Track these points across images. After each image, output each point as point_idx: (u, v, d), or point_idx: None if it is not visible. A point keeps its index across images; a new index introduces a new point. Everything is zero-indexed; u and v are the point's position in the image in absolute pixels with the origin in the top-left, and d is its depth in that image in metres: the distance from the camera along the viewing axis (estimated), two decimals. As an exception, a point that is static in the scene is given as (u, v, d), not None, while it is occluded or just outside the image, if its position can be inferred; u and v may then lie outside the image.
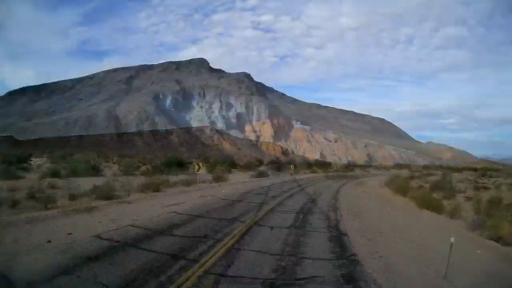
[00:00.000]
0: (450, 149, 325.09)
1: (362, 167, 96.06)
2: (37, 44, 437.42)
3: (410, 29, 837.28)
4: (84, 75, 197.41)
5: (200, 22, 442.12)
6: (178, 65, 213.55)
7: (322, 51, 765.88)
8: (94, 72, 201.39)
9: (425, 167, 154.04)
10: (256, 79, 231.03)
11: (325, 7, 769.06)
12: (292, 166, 48.45)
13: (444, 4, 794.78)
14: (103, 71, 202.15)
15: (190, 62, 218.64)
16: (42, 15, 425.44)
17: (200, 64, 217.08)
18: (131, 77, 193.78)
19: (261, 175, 32.52)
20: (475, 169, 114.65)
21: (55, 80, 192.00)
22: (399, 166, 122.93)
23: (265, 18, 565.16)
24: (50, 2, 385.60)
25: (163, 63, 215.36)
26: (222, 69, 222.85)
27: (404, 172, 70.58)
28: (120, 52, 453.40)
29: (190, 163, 40.29)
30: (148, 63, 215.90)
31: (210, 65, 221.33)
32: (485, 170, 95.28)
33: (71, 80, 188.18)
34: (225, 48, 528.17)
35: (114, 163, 40.88)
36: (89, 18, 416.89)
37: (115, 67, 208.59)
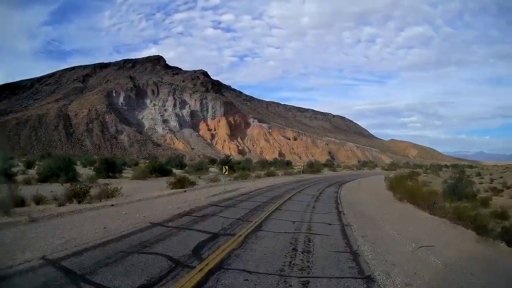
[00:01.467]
0: (416, 146, 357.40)
1: (329, 166, 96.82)
2: (6, 42, 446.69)
3: (373, 28, 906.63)
4: (43, 74, 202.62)
5: (162, 21, 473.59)
6: (134, 63, 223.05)
7: (282, 50, 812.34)
8: (54, 71, 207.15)
9: (406, 165, 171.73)
10: (215, 78, 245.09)
11: (288, 7, 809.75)
12: (225, 168, 28.15)
13: (410, 4, 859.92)
14: (61, 70, 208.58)
15: (147, 59, 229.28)
16: (12, 13, 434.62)
17: (156, 61, 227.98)
18: (87, 75, 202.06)
19: (183, 184, 22.46)
20: (454, 166, 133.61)
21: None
22: (364, 164, 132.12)
23: (226, 17, 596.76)
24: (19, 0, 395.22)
25: (119, 61, 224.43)
26: (180, 67, 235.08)
27: (390, 172, 74.31)
28: (83, 52, 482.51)
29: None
30: (105, 61, 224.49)
31: (167, 62, 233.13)
32: (462, 167, 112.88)
33: (31, 79, 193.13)
34: (185, 48, 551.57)
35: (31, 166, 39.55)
36: (55, 17, 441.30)
37: (73, 65, 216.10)
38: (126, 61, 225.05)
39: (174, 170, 43.82)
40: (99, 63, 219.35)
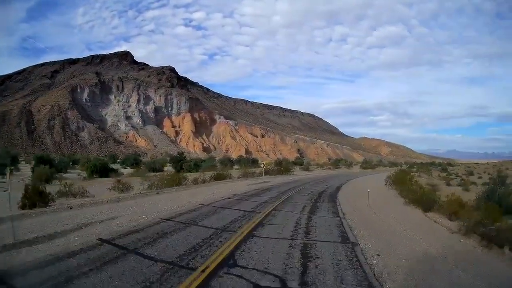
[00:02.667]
0: (388, 144, 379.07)
1: (300, 165, 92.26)
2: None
3: (345, 28, 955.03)
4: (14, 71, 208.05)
5: (134, 18, 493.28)
6: (102, 59, 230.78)
7: (252, 49, 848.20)
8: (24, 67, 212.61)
9: (380, 162, 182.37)
10: (184, 76, 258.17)
11: (260, 5, 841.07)
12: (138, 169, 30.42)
13: (384, 4, 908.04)
14: (31, 66, 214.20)
15: (115, 55, 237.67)
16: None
17: (124, 57, 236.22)
18: (55, 71, 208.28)
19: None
20: (439, 164, 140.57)
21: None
22: (338, 162, 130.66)
23: (198, 15, 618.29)
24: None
25: (88, 57, 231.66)
26: (148, 63, 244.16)
27: (375, 171, 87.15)
28: (57, 50, 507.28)
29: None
30: (74, 57, 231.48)
31: (135, 58, 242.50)
32: (444, 165, 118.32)
33: (1, 76, 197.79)
34: (156, 46, 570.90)
35: None
36: (32, 14, 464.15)
37: (43, 62, 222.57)
38: (94, 57, 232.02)
39: (124, 170, 47.05)
40: (68, 59, 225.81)
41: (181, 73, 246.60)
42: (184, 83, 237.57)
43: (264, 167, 47.36)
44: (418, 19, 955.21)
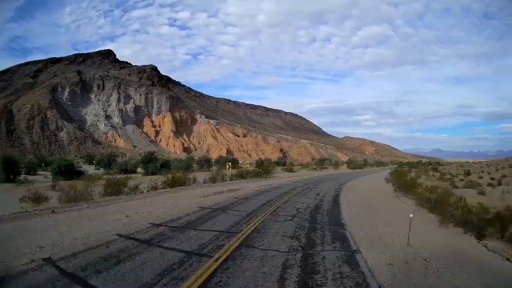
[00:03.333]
0: (373, 143, 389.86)
1: (283, 165, 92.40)
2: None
3: (330, 27, 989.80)
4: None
5: (119, 18, 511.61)
6: (85, 57, 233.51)
7: (236, 49, 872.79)
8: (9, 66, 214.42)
9: (378, 162, 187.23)
10: (170, 76, 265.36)
11: (244, 4, 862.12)
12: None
13: (369, 4, 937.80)
14: (15, 66, 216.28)
15: (98, 53, 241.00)
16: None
17: (106, 55, 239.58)
18: (39, 70, 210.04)
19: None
20: (429, 164, 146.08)
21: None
22: (322, 162, 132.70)
23: (182, 15, 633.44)
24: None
25: (71, 56, 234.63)
26: (131, 63, 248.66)
27: (367, 170, 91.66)
28: (43, 50, 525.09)
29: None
30: (58, 56, 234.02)
31: (118, 57, 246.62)
32: (435, 165, 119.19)
33: None
34: (140, 45, 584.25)
35: None
36: (20, 13, 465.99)
37: (27, 61, 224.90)
38: (77, 56, 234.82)
39: (97, 171, 48.07)
40: (51, 58, 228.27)
41: (165, 73, 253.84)
42: (165, 82, 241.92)
43: (230, 169, 46.01)
44: (404, 19, 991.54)
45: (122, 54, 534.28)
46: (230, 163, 39.64)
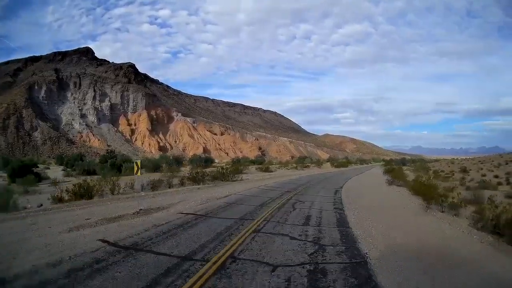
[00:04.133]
0: (353, 140, 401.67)
1: (260, 163, 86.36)
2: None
3: (310, 25, 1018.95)
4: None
5: (101, 16, 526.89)
6: (64, 55, 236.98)
7: (216, 47, 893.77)
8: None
9: (361, 160, 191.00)
10: (151, 76, 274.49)
11: (225, 2, 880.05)
12: None
13: (350, 2, 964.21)
14: None
15: (76, 51, 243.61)
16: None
17: (84, 53, 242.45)
18: (18, 69, 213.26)
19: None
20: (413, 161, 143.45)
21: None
22: (302, 160, 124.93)
23: (163, 12, 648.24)
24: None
25: (50, 54, 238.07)
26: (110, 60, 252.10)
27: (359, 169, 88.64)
28: (26, 49, 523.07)
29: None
30: (37, 54, 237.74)
31: (96, 54, 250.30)
32: (422, 162, 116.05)
33: None
34: (121, 44, 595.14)
35: None
36: (4, 13, 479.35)
37: (7, 60, 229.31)
38: (56, 54, 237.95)
39: (62, 172, 48.10)
40: (31, 56, 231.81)
41: (145, 72, 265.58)
42: (141, 79, 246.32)
43: (139, 173, 19.20)
44: (385, 16, 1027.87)
45: (104, 53, 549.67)
46: (138, 165, 16.56)
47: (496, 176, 43.06)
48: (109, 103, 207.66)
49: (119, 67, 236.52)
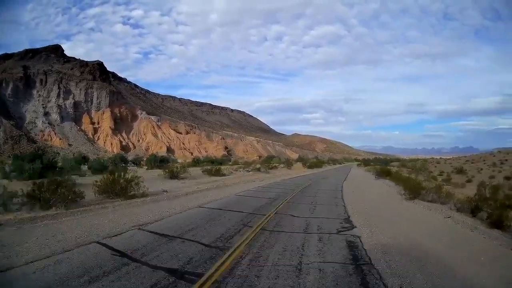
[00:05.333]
0: (323, 140, 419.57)
1: (218, 164, 74.15)
2: None
3: (282, 26, 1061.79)
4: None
5: (76, 16, 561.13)
6: (34, 53, 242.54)
7: (187, 47, 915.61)
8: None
9: (333, 160, 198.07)
10: (122, 76, 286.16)
11: (197, 3, 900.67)
12: None
13: (323, 4, 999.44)
14: None
15: (46, 48, 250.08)
16: None
17: (54, 50, 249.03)
18: None
19: None
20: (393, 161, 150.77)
21: None
22: (268, 160, 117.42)
23: (136, 13, 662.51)
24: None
25: (21, 51, 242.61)
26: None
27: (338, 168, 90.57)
28: (5, 47, 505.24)
29: None
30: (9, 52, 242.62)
31: (65, 52, 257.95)
32: (403, 162, 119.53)
33: None
34: (94, 44, 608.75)
35: None
36: None
37: None
38: (27, 51, 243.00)
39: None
40: (3, 54, 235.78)
41: (116, 72, 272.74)
42: (107, 76, 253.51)
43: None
44: (358, 18, 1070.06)
45: (77, 53, 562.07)
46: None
47: (509, 178, 40.56)
48: (73, 101, 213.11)
49: (85, 64, 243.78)
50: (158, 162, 61.54)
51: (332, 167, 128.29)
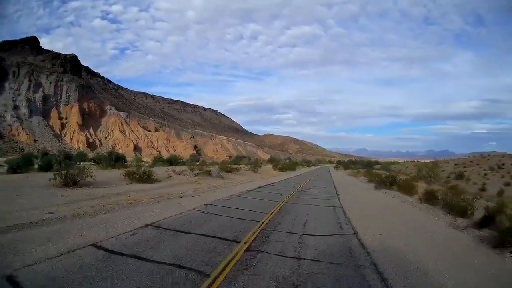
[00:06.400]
0: (296, 141, 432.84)
1: (170, 163, 69.45)
2: None
3: (258, 26, 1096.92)
4: None
5: (57, 9, 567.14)
6: (12, 44, 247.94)
7: (163, 44, 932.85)
8: None
9: (305, 161, 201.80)
10: (101, 74, 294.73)
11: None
12: None
13: (302, 4, 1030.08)
14: None
15: (22, 40, 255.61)
16: None
17: (29, 42, 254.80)
18: None
19: None
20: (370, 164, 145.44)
21: None
22: (237, 161, 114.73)
23: (116, 8, 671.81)
24: None
25: None
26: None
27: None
28: None
29: None
30: None
31: (40, 44, 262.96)
32: (385, 165, 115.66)
33: None
34: (73, 38, 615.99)
35: None
36: None
37: None
38: (5, 43, 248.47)
39: None
40: None
41: (93, 68, 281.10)
42: (78, 69, 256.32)
43: None
44: (336, 19, 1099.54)
45: (56, 47, 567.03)
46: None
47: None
48: (42, 94, 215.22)
49: (56, 55, 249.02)
50: (114, 160, 58.18)
51: (308, 169, 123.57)
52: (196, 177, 43.20)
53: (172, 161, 77.63)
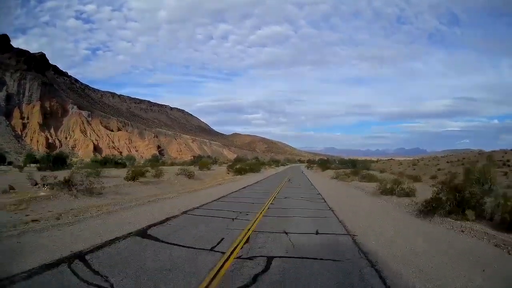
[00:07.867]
0: (264, 140, 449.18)
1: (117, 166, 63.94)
2: None
3: (229, 25, 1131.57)
4: None
5: (34, 8, 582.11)
6: None
7: (134, 44, 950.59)
8: None
9: (274, 160, 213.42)
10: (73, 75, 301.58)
11: None
12: None
13: (273, 4, 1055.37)
14: None
15: None
16: None
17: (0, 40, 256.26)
18: None
19: None
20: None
21: None
22: (197, 161, 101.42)
23: (90, 7, 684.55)
24: None
25: None
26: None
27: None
28: None
29: None
30: None
31: (11, 42, 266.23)
32: (367, 164, 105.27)
33: None
34: (47, 39, 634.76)
35: None
36: None
37: None
38: None
39: None
40: None
41: (65, 69, 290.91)
42: (43, 67, 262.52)
43: None
44: (307, 20, 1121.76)
45: (31, 47, 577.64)
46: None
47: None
48: (6, 93, 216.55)
49: (22, 53, 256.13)
50: (52, 162, 53.92)
51: (276, 170, 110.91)
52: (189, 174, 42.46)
53: (125, 165, 69.44)
